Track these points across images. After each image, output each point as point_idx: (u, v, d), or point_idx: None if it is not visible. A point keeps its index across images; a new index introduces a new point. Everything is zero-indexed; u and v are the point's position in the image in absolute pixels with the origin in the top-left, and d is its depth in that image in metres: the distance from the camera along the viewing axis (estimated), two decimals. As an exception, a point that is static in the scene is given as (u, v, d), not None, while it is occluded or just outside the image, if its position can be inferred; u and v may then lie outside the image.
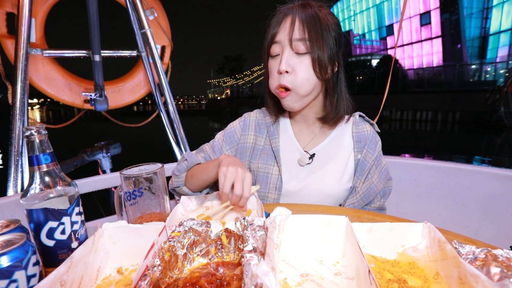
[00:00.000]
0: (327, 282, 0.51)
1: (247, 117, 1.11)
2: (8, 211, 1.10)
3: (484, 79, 22.19)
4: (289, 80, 0.87)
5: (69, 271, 0.45)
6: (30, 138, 0.54)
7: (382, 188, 1.01)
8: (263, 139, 1.07)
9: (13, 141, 1.75)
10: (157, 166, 0.72)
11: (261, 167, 1.03)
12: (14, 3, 1.93)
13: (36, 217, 0.54)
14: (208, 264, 0.56)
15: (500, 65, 21.97)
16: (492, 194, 1.25)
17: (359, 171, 0.98)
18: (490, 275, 0.41)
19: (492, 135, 12.10)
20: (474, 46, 26.18)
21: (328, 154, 1.00)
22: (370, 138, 1.01)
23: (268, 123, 1.07)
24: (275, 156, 1.02)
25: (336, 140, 1.02)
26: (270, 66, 0.92)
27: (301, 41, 0.85)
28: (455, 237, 0.67)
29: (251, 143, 1.07)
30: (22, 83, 1.81)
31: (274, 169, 1.01)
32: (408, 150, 10.00)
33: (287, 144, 1.04)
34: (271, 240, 0.49)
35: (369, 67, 31.48)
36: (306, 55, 0.86)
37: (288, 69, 0.86)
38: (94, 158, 2.25)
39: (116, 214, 0.74)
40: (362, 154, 0.99)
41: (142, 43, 2.38)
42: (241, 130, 1.09)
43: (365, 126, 1.04)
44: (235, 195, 0.72)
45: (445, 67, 25.30)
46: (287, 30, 0.86)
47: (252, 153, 1.06)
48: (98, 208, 2.07)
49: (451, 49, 27.66)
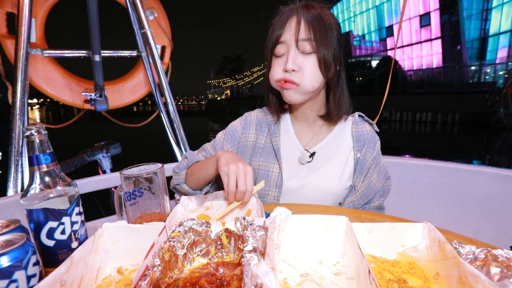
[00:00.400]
0: (327, 282, 0.51)
1: (248, 116, 1.13)
2: (8, 211, 1.10)
3: (484, 81, 22.19)
4: (296, 77, 0.88)
5: (69, 271, 0.45)
6: (30, 138, 0.54)
7: (381, 187, 1.02)
8: (264, 138, 1.08)
9: (13, 141, 1.75)
10: (157, 166, 0.72)
11: (261, 165, 1.04)
12: (14, 3, 1.93)
13: (36, 217, 0.54)
14: (208, 264, 0.56)
15: (500, 66, 21.97)
16: (492, 194, 1.25)
17: (359, 170, 1.00)
18: (490, 275, 0.41)
19: (491, 136, 12.10)
20: (473, 47, 26.19)
21: (329, 152, 1.02)
22: (370, 137, 1.03)
23: (269, 121, 1.08)
24: (276, 154, 1.03)
25: (336, 139, 1.04)
26: (274, 64, 0.93)
27: (307, 41, 0.86)
28: (455, 237, 0.67)
29: (252, 141, 1.08)
30: (22, 83, 1.81)
31: (275, 167, 1.02)
32: (408, 151, 10.01)
33: (288, 142, 1.05)
34: (271, 240, 0.49)
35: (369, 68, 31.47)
36: (312, 54, 0.88)
37: (295, 67, 0.88)
38: (94, 158, 2.25)
39: (116, 214, 0.74)
40: (361, 153, 1.00)
41: (142, 43, 2.38)
42: (242, 128, 1.10)
43: (365, 125, 1.05)
44: (240, 191, 0.73)
45: (445, 68, 25.32)
46: (293, 31, 0.87)
47: (253, 151, 1.07)
48: (98, 208, 2.07)
49: (450, 51, 27.65)
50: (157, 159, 0.82)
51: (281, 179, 1.01)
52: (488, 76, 22.54)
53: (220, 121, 25.60)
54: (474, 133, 13.15)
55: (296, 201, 1.01)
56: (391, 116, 18.51)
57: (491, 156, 9.24)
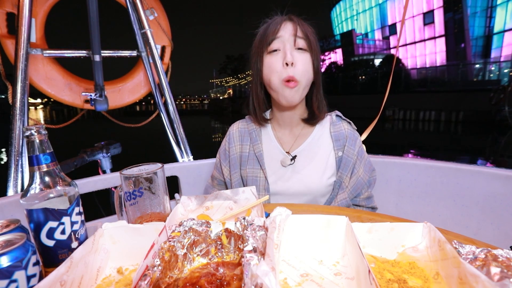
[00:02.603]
0: (327, 282, 0.51)
1: (230, 130, 1.21)
2: (8, 211, 1.11)
3: (488, 79, 22.10)
4: (295, 72, 0.95)
5: (69, 271, 0.46)
6: (30, 138, 0.54)
7: (368, 179, 1.10)
8: (247, 146, 1.15)
9: (13, 141, 1.76)
10: (157, 166, 0.72)
11: (249, 172, 1.11)
12: (14, 3, 1.94)
13: (36, 217, 0.54)
14: (208, 264, 0.56)
15: (504, 64, 21.87)
16: (492, 194, 1.25)
17: (344, 168, 1.06)
18: (490, 275, 0.41)
19: (496, 135, 12.04)
20: (478, 45, 26.13)
21: (310, 154, 1.08)
22: (349, 135, 1.09)
23: (251, 130, 1.16)
24: (259, 160, 1.10)
25: (316, 141, 1.10)
26: (270, 62, 0.98)
27: (303, 39, 0.96)
28: (455, 237, 0.67)
29: (238, 153, 1.16)
30: (22, 83, 1.81)
31: (261, 173, 1.10)
32: (411, 150, 9.97)
33: (270, 147, 1.13)
34: (271, 240, 0.50)
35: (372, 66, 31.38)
36: (306, 52, 0.97)
37: (293, 60, 0.94)
38: (94, 158, 2.26)
39: (116, 214, 0.75)
40: (343, 151, 1.07)
41: (142, 43, 2.39)
42: (228, 144, 1.19)
43: (343, 125, 1.12)
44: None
45: (449, 67, 25.19)
46: (290, 28, 0.96)
47: (241, 161, 1.15)
48: (98, 208, 2.08)
49: (454, 48, 27.60)
50: (157, 159, 0.82)
51: (268, 183, 1.08)
52: (493, 74, 22.43)
53: (223, 120, 25.54)
54: (479, 132, 13.09)
55: (286, 201, 1.06)
56: (394, 115, 18.46)
57: (496, 155, 9.18)
